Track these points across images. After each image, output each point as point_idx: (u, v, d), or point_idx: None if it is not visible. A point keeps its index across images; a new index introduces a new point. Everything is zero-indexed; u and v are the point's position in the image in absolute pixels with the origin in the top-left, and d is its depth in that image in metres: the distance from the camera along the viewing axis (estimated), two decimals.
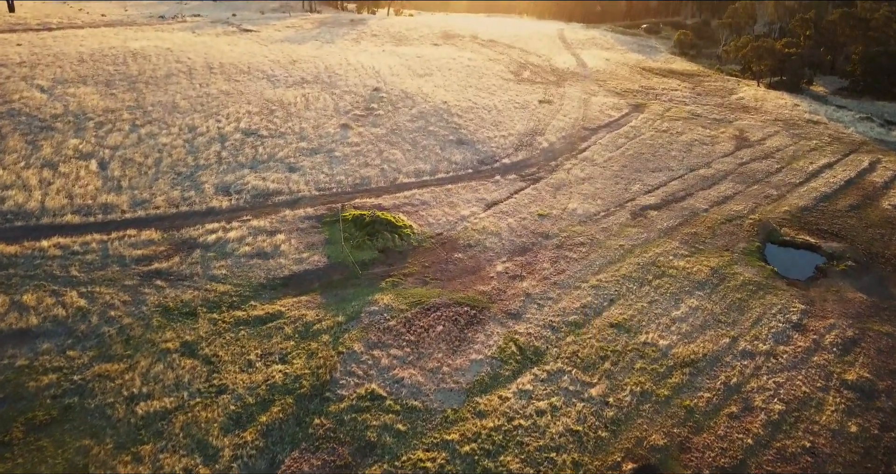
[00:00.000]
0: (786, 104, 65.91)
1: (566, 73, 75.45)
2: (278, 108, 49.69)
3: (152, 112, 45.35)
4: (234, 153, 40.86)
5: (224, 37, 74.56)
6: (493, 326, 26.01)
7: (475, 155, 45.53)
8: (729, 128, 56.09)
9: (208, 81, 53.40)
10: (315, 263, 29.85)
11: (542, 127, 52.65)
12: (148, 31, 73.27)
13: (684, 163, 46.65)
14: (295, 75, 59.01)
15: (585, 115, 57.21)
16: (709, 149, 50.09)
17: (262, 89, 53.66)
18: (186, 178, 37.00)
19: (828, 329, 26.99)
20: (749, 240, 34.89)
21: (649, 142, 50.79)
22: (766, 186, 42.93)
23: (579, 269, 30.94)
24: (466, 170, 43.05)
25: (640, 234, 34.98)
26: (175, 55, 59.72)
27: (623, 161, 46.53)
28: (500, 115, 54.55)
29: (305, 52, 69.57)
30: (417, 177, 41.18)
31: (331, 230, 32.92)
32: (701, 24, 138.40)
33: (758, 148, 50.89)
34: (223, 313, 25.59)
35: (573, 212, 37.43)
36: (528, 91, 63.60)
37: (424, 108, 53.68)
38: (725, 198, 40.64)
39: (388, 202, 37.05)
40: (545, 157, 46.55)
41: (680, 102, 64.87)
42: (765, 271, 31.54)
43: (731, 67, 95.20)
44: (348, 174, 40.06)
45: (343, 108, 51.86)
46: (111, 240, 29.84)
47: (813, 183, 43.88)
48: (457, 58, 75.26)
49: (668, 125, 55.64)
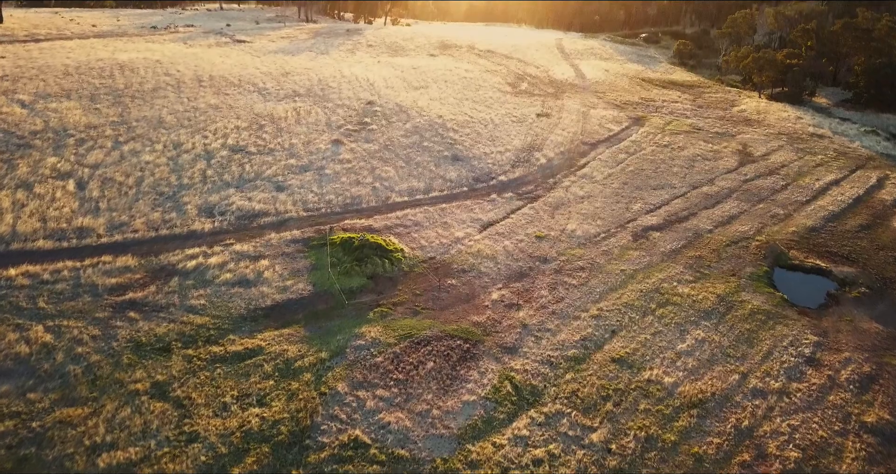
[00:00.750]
0: (789, 117, 64.56)
1: (565, 84, 74.15)
2: (268, 122, 48.22)
3: (137, 128, 43.85)
4: (219, 171, 39.34)
5: (216, 48, 73.22)
6: (487, 362, 24.39)
7: (471, 172, 44.03)
8: (732, 142, 54.67)
9: (197, 95, 51.95)
10: (300, 292, 28.25)
11: (539, 142, 51.20)
12: (138, 42, 71.94)
13: (687, 180, 45.18)
14: (287, 88, 57.60)
15: (584, 128, 55.80)
16: (711, 164, 48.63)
17: (252, 103, 52.22)
18: (168, 199, 35.44)
19: (843, 364, 25.39)
20: (756, 264, 33.34)
21: (650, 158, 49.34)
22: (771, 205, 41.43)
23: (579, 297, 29.37)
24: (461, 189, 41.53)
25: (642, 258, 33.43)
26: (164, 67, 58.30)
27: (623, 178, 45.05)
28: (497, 129, 53.12)
29: (299, 64, 68.22)
30: (410, 195, 39.65)
31: (318, 255, 31.34)
32: (700, 34, 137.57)
33: (762, 163, 49.44)
34: (199, 349, 23.96)
35: (572, 233, 35.89)
36: (526, 104, 62.23)
37: (419, 122, 52.25)
38: (730, 218, 39.13)
39: (380, 223, 35.51)
40: (543, 174, 45.06)
41: (681, 115, 63.50)
42: (774, 299, 29.97)
43: (731, 78, 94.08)
44: (338, 193, 38.53)
45: (335, 122, 50.40)
46: (84, 268, 28.24)
47: (820, 201, 42.39)
48: (453, 69, 73.95)
49: (670, 139, 54.22)
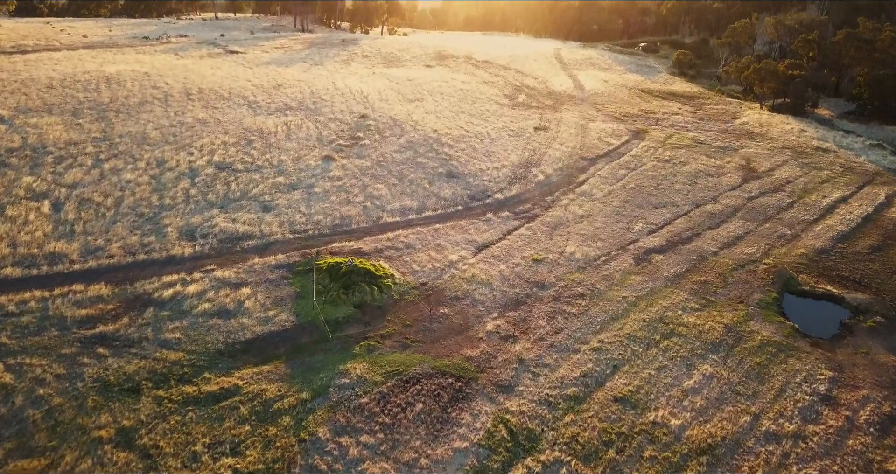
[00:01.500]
0: (792, 130, 63.16)
1: (563, 96, 72.78)
2: (257, 138, 46.70)
3: (119, 144, 42.29)
4: (203, 190, 37.76)
5: (208, 59, 71.83)
6: (480, 403, 22.74)
7: (466, 189, 42.49)
8: (735, 156, 53.22)
9: (184, 109, 50.44)
10: (282, 323, 26.61)
11: (537, 157, 49.71)
12: (129, 53, 70.54)
13: (689, 198, 43.66)
14: (278, 101, 56.13)
15: (583, 143, 54.34)
16: (715, 181, 47.14)
17: (241, 117, 50.71)
18: (148, 221, 33.83)
19: (861, 402, 23.77)
20: (764, 289, 31.75)
21: (651, 174, 47.84)
22: (778, 224, 39.89)
23: (579, 327, 27.75)
24: (456, 207, 39.98)
25: (644, 283, 31.83)
26: (152, 80, 56.85)
27: (624, 195, 43.52)
28: (494, 144, 51.63)
29: (291, 76, 66.81)
30: (403, 215, 38.09)
31: (303, 281, 29.72)
32: (699, 43, 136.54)
33: (766, 180, 47.95)
34: (171, 389, 22.30)
35: (571, 256, 34.30)
36: (524, 117, 60.80)
37: (413, 137, 50.76)
38: (736, 239, 37.58)
39: (370, 245, 33.91)
40: (541, 192, 43.54)
41: (682, 128, 62.09)
42: (784, 328, 28.36)
43: (731, 88, 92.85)
44: (327, 213, 36.95)
45: (327, 137, 48.89)
46: (53, 298, 26.60)
47: (828, 220, 40.86)
48: (450, 81, 72.59)
49: (671, 154, 52.75)
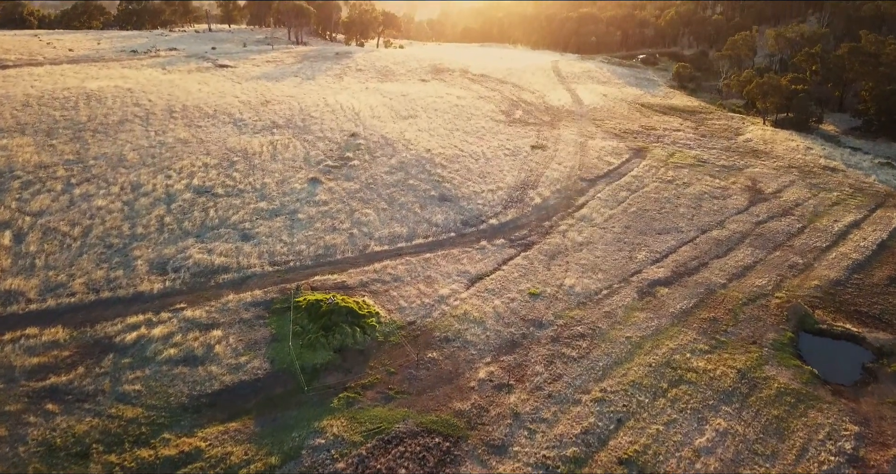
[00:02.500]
0: (797, 147, 61.17)
1: (561, 111, 70.84)
2: (241, 159, 44.56)
3: (93, 167, 40.12)
4: (179, 218, 35.53)
5: (196, 74, 69.86)
6: (470, 466, 20.42)
7: (459, 214, 40.32)
8: (740, 176, 51.14)
9: (165, 128, 48.34)
10: (254, 371, 24.31)
11: (534, 178, 47.60)
12: (114, 68, 68.57)
13: (694, 223, 41.51)
14: (265, 119, 54.06)
15: (582, 162, 52.26)
16: (720, 204, 45.01)
17: (225, 136, 48.60)
18: (117, 253, 31.57)
19: (892, 464, 21.47)
20: (778, 327, 29.50)
21: (654, 196, 45.72)
22: (789, 252, 37.73)
23: (579, 374, 25.47)
24: (448, 234, 37.77)
25: (649, 321, 29.58)
26: (135, 97, 54.79)
27: (626, 220, 41.37)
28: (489, 164, 49.53)
29: (281, 91, 64.83)
30: (392, 243, 35.87)
31: (279, 322, 27.44)
32: (699, 55, 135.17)
33: (774, 202, 45.83)
34: (124, 454, 19.97)
35: (570, 289, 32.06)
36: (520, 134, 58.77)
37: (405, 157, 48.65)
38: (745, 269, 35.38)
39: (355, 278, 31.67)
40: (538, 216, 41.37)
41: (684, 145, 60.07)
42: (802, 374, 26.10)
43: (733, 102, 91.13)
44: (311, 242, 34.73)
45: (314, 157, 46.76)
46: (3, 344, 24.30)
47: (842, 247, 38.70)
48: (444, 96, 70.65)
49: (674, 174, 50.67)
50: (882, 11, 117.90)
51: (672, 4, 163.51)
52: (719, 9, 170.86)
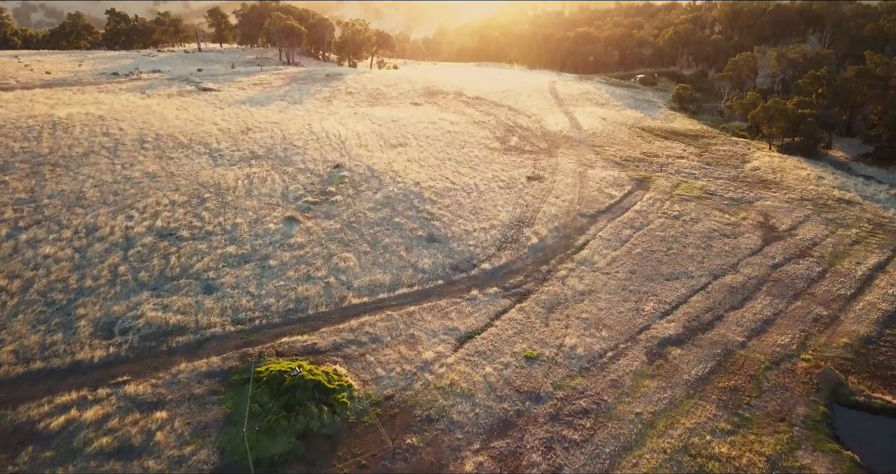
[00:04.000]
0: (808, 176, 57.97)
1: (559, 137, 67.71)
2: (213, 195, 41.10)
3: (47, 207, 36.63)
4: (136, 267, 31.97)
5: (176, 98, 66.69)
6: None
7: (448, 257, 36.81)
8: (751, 211, 47.79)
9: (134, 160, 44.94)
10: (199, 466, 20.60)
11: (530, 214, 44.18)
12: (89, 92, 65.37)
13: (705, 266, 38.04)
14: (244, 149, 50.72)
15: (582, 195, 48.91)
16: (732, 243, 41.59)
17: (198, 169, 45.19)
18: (59, 311, 27.96)
19: None
20: (808, 399, 25.90)
21: (660, 234, 42.29)
22: (811, 302, 34.22)
23: (582, 464, 21.80)
24: (436, 282, 34.22)
25: (661, 391, 25.97)
26: (105, 125, 51.48)
27: (630, 263, 37.89)
28: (482, 198, 46.14)
29: (264, 117, 61.63)
30: (372, 294, 32.30)
31: (236, 398, 23.78)
32: (698, 75, 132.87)
33: (790, 241, 42.42)
34: None
35: (572, 351, 28.46)
36: (516, 163, 55.50)
37: (392, 191, 45.26)
38: (764, 323, 31.84)
39: (327, 339, 28.06)
40: (534, 259, 37.88)
41: (689, 175, 56.85)
42: (842, 462, 22.46)
43: (735, 125, 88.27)
44: (281, 294, 31.15)
45: (293, 192, 43.34)
46: None
47: (868, 295, 35.21)
48: (437, 121, 67.51)
49: (680, 208, 47.31)
50: (885, 31, 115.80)
51: (670, 24, 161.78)
52: (718, 28, 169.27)
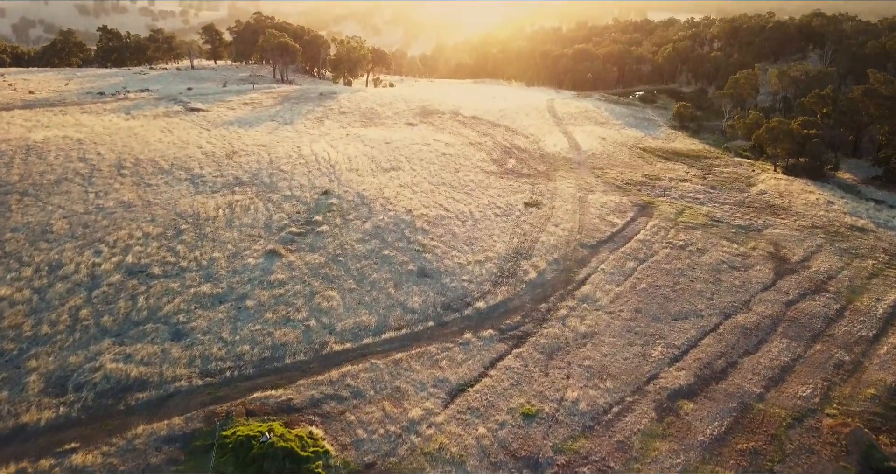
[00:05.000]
0: (817, 201, 55.71)
1: (557, 159, 65.52)
2: (190, 226, 38.68)
3: (9, 242, 34.16)
4: (99, 309, 29.44)
5: (162, 120, 64.50)
6: None
7: (440, 295, 34.31)
8: (760, 240, 45.39)
9: (109, 188, 42.56)
10: None
11: (528, 245, 41.76)
12: (72, 113, 63.17)
13: (715, 303, 35.56)
14: (228, 174, 48.39)
15: (582, 223, 46.52)
16: (742, 277, 39.14)
17: (178, 197, 42.81)
18: (7, 364, 25.38)
19: None
20: (838, 465, 23.29)
21: (665, 267, 39.85)
22: (831, 345, 31.70)
23: None
24: (426, 324, 31.69)
25: (674, 456, 23.35)
26: (83, 149, 49.17)
27: (635, 301, 35.39)
28: (477, 226, 43.74)
29: (252, 139, 59.40)
30: (356, 339, 29.75)
31: (197, 468, 21.13)
32: (698, 93, 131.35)
33: (803, 274, 39.98)
34: None
35: (574, 406, 25.88)
36: (513, 188, 53.20)
37: (383, 219, 42.87)
38: (783, 371, 29.30)
39: (304, 394, 25.48)
40: (533, 296, 35.38)
41: (693, 200, 54.54)
42: None
43: (738, 144, 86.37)
44: (257, 340, 28.59)
45: (277, 222, 40.94)
46: None
47: (892, 336, 32.70)
48: (432, 143, 65.34)
49: (685, 237, 44.91)
50: (887, 49, 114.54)
51: (669, 40, 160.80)
52: (717, 45, 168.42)
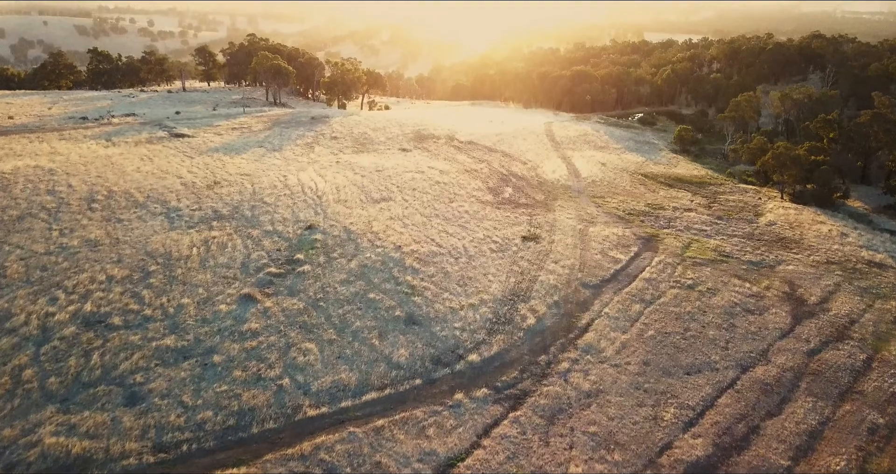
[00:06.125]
0: (830, 233, 52.90)
1: (556, 186, 62.88)
2: (160, 267, 35.73)
3: None
4: (46, 369, 26.34)
5: (144, 146, 61.84)
6: None
7: (429, 346, 31.26)
8: (773, 278, 42.48)
9: (76, 225, 39.68)
10: None
11: (526, 285, 38.81)
12: (49, 140, 60.50)
13: (730, 354, 32.52)
14: (207, 207, 45.56)
15: (584, 259, 43.62)
16: (757, 322, 36.15)
17: (150, 234, 39.92)
18: None
19: None
20: None
21: (674, 310, 36.88)
22: (861, 404, 28.61)
23: None
24: (413, 381, 28.59)
25: None
26: (53, 181, 46.39)
27: (643, 351, 32.35)
28: (471, 264, 40.83)
29: (237, 168, 56.71)
30: (333, 401, 26.64)
31: None
32: (698, 115, 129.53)
33: (823, 318, 37.00)
34: None
35: None
36: (510, 220, 50.38)
37: (369, 257, 39.96)
38: (811, 437, 26.19)
39: None
40: (531, 346, 32.34)
41: (699, 232, 51.74)
42: None
43: (741, 169, 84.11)
44: (221, 405, 25.47)
45: (256, 261, 38.02)
46: None
47: None
48: (426, 171, 62.70)
49: (694, 275, 42.00)
50: (890, 71, 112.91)
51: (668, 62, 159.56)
52: (716, 66, 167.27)
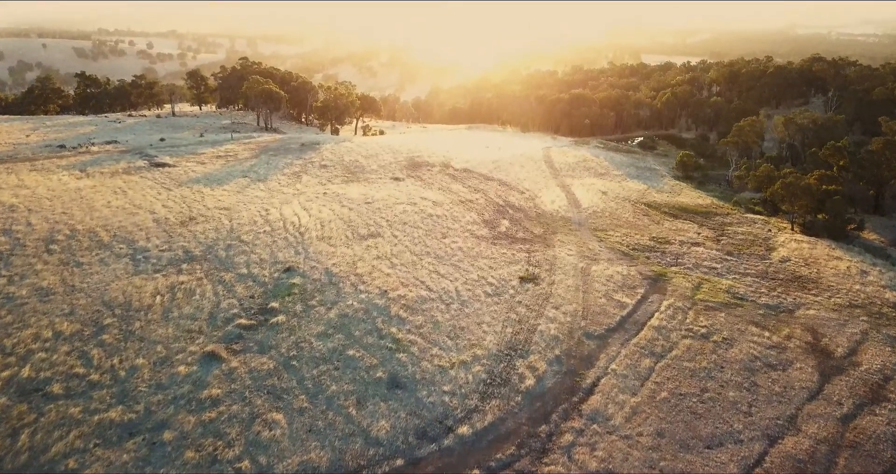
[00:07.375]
0: (849, 270, 49.43)
1: (556, 218, 59.53)
2: (116, 320, 32.08)
3: None
4: None
5: (119, 178, 58.54)
6: None
7: (414, 416, 27.50)
8: (794, 326, 38.89)
9: (28, 270, 36.12)
10: None
11: (524, 336, 35.18)
12: (18, 172, 57.13)
13: (755, 421, 28.78)
14: (177, 247, 42.05)
15: (587, 304, 40.05)
16: (781, 380, 32.46)
17: (110, 279, 36.35)
18: None
19: None
20: None
21: (689, 366, 33.21)
22: None
23: None
24: (393, 461, 24.80)
25: None
26: (12, 219, 42.93)
27: (656, 418, 28.61)
28: (464, 311, 37.23)
29: (216, 201, 53.34)
30: None
31: None
32: (700, 140, 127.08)
33: (853, 374, 33.34)
34: None
35: None
36: (506, 257, 46.89)
37: (352, 305, 36.37)
38: None
39: None
40: (530, 413, 28.59)
41: (710, 270, 48.25)
42: None
43: (747, 197, 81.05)
44: None
45: (225, 311, 34.39)
46: None
47: None
48: (418, 202, 59.38)
49: (707, 322, 38.41)
50: (895, 95, 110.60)
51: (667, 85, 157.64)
52: (715, 89, 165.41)
